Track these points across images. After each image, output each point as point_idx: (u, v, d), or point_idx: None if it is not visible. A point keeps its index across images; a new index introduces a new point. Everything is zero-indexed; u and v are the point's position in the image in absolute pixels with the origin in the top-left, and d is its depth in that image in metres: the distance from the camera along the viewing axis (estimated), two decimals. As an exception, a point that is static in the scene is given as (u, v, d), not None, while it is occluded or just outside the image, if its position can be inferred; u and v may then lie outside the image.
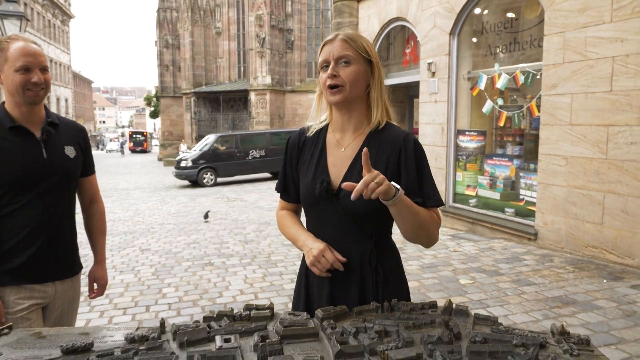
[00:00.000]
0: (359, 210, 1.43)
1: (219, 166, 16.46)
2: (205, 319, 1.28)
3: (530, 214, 6.18)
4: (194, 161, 16.24)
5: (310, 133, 1.60)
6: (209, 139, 17.43)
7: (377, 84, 1.50)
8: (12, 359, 1.04)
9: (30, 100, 1.77)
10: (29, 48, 1.72)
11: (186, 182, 16.81)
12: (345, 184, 1.31)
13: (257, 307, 1.32)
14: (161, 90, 39.77)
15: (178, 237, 7.52)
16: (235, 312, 1.30)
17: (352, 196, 1.25)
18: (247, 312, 1.29)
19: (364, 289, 1.49)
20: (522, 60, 6.50)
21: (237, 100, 33.19)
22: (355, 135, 1.53)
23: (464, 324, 1.26)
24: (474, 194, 7.28)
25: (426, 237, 1.47)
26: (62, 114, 40.19)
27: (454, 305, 1.34)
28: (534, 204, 6.07)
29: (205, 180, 16.13)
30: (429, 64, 7.59)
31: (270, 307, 1.32)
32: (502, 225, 6.51)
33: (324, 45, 1.49)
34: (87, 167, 2.03)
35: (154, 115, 55.84)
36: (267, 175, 18.07)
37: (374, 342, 1.11)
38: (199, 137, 26.87)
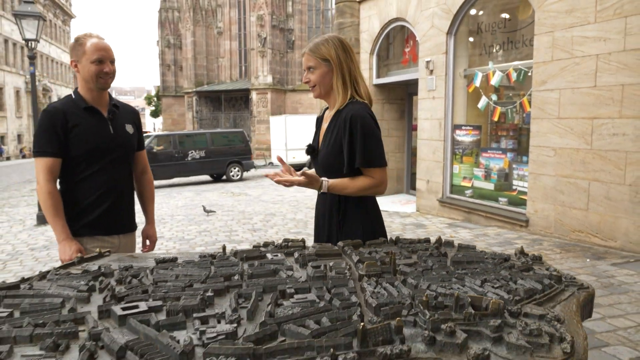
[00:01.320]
0: (327, 167, 1.96)
1: (154, 168, 15.13)
2: (254, 246, 1.68)
3: (522, 203, 6.59)
4: None
5: (321, 111, 2.18)
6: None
7: (337, 77, 1.93)
8: (124, 265, 1.44)
9: (101, 87, 2.17)
10: (102, 44, 2.12)
11: (192, 179, 16.60)
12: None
13: (293, 240, 1.72)
14: (163, 90, 40.16)
15: (189, 227, 7.92)
16: (276, 243, 1.71)
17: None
18: (285, 243, 1.70)
19: (330, 226, 1.96)
20: (515, 58, 6.92)
21: (239, 99, 33.63)
22: (331, 114, 2.02)
23: (451, 250, 1.67)
24: (469, 185, 7.69)
25: (365, 194, 1.93)
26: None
27: (443, 240, 1.74)
28: (525, 193, 6.48)
29: None
30: (427, 62, 7.99)
31: (303, 241, 1.72)
32: (496, 214, 6.92)
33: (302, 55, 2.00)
34: (140, 143, 2.44)
35: (154, 114, 56.25)
36: (207, 178, 16.89)
37: (383, 257, 1.52)
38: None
